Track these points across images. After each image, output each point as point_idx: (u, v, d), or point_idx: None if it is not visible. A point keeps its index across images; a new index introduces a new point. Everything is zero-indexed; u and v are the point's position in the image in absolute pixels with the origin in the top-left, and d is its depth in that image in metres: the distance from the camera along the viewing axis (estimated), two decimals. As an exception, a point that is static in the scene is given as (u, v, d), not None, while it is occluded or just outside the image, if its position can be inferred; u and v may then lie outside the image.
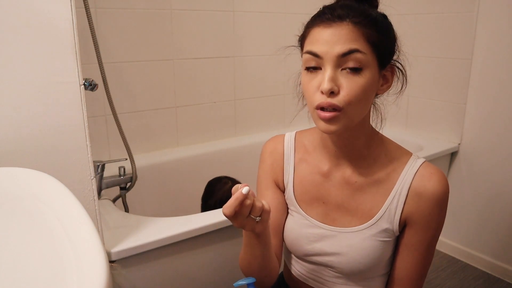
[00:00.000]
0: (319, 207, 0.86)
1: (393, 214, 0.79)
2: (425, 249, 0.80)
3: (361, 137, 0.80)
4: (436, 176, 0.77)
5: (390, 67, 0.78)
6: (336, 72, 0.70)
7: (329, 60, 0.70)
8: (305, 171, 0.88)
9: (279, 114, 2.21)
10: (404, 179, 0.79)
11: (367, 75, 0.71)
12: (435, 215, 0.78)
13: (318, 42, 0.71)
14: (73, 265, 0.45)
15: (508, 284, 1.84)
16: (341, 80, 0.70)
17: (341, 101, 0.70)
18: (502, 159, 1.82)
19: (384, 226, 0.80)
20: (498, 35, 1.75)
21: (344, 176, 0.83)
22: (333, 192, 0.84)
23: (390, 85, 0.79)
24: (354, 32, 0.70)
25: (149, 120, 1.78)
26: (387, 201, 0.80)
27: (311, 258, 0.86)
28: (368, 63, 0.71)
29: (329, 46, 0.70)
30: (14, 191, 0.64)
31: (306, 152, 0.89)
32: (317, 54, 0.71)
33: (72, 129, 0.92)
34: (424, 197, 0.77)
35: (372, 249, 0.80)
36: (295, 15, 2.09)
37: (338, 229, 0.83)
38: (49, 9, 0.84)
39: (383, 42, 0.73)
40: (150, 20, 1.68)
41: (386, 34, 0.74)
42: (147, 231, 1.12)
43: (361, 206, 0.82)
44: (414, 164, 0.80)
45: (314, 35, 0.72)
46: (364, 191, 0.82)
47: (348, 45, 0.69)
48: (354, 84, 0.70)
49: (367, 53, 0.70)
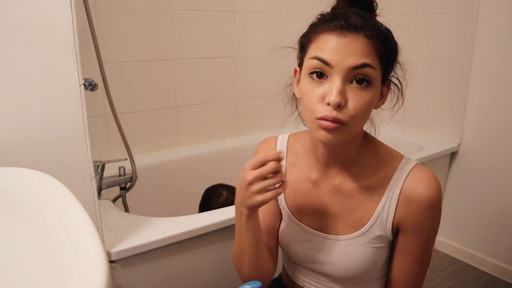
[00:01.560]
0: (311, 215, 0.84)
1: (385, 220, 0.78)
2: (420, 253, 0.78)
3: (353, 146, 0.79)
4: (426, 180, 0.75)
5: (387, 83, 0.76)
6: (345, 85, 0.68)
7: (339, 70, 0.67)
8: (295, 176, 0.86)
9: (279, 114, 2.20)
10: (394, 184, 0.77)
11: (373, 90, 0.69)
12: (427, 219, 0.76)
13: (330, 50, 0.68)
14: (73, 265, 0.45)
15: (508, 284, 1.84)
16: (348, 94, 0.68)
17: (347, 115, 0.68)
18: (502, 159, 1.82)
19: (376, 233, 0.78)
20: (498, 35, 1.75)
21: (334, 184, 0.81)
22: (324, 200, 0.83)
23: (385, 101, 0.77)
24: (368, 46, 0.67)
25: (149, 120, 1.78)
26: (378, 208, 0.78)
27: (307, 264, 0.86)
28: (376, 78, 0.69)
29: (342, 56, 0.67)
30: (14, 191, 0.64)
31: (297, 157, 0.87)
32: (328, 63, 0.67)
33: (72, 129, 0.92)
34: (415, 202, 0.75)
35: (365, 257, 0.79)
36: (295, 15, 2.09)
37: (331, 236, 0.82)
38: (49, 9, 0.84)
39: (388, 58, 0.72)
40: (150, 20, 1.68)
41: (392, 49, 0.73)
42: (147, 231, 1.12)
43: (352, 213, 0.80)
44: (405, 168, 0.78)
45: (325, 41, 0.69)
46: (355, 199, 0.80)
47: (362, 58, 0.67)
48: (361, 99, 0.68)
49: (377, 69, 0.69)
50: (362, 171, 0.80)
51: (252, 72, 2.05)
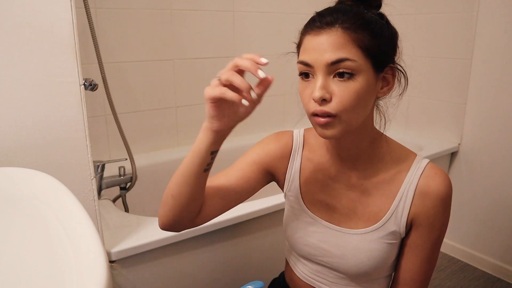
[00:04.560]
0: (325, 208, 0.85)
1: (399, 216, 0.79)
2: (430, 250, 0.80)
3: (365, 139, 0.80)
4: (440, 177, 0.78)
5: (390, 69, 0.76)
6: (327, 79, 0.70)
7: (319, 68, 0.70)
8: (310, 170, 0.87)
9: (279, 114, 2.21)
10: (410, 180, 0.79)
11: (360, 80, 0.70)
12: (440, 214, 0.78)
13: (308, 51, 0.71)
14: (73, 265, 0.45)
15: (508, 284, 1.84)
16: (332, 87, 0.70)
17: (334, 108, 0.69)
18: (502, 159, 1.82)
19: (391, 228, 0.79)
20: (498, 35, 1.75)
21: (350, 179, 0.83)
22: (339, 195, 0.84)
23: (392, 87, 0.77)
24: (343, 38, 0.69)
25: (149, 120, 1.78)
26: (394, 203, 0.79)
27: (316, 258, 0.86)
28: (360, 68, 0.70)
29: (318, 54, 0.69)
30: (14, 191, 0.64)
31: (312, 151, 0.88)
32: (308, 63, 0.71)
33: (72, 129, 0.92)
34: (429, 196, 0.77)
35: (378, 252, 0.79)
36: (295, 15, 2.09)
37: (345, 230, 0.83)
38: (49, 9, 0.84)
39: (377, 45, 0.71)
40: (150, 20, 1.68)
41: (380, 36, 0.72)
42: (147, 231, 1.12)
43: (367, 208, 0.81)
44: (420, 165, 0.80)
45: (306, 44, 0.72)
46: (370, 194, 0.81)
47: (337, 53, 0.68)
48: (346, 90, 0.69)
49: (358, 59, 0.69)
50: (377, 166, 0.81)
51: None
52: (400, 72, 0.78)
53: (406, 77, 0.80)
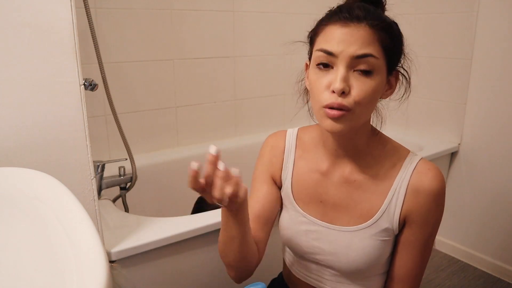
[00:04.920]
0: (317, 206, 0.85)
1: (392, 213, 0.79)
2: (423, 246, 0.80)
3: (362, 136, 0.81)
4: (432, 172, 0.78)
5: (395, 73, 0.78)
6: (348, 72, 0.70)
7: (342, 59, 0.70)
8: (303, 168, 0.88)
9: (279, 114, 2.21)
10: (402, 177, 0.79)
11: (377, 78, 0.71)
12: (432, 210, 0.78)
13: (334, 41, 0.71)
14: (73, 265, 0.45)
15: (508, 284, 1.84)
16: (352, 81, 0.70)
17: (351, 102, 0.70)
18: (502, 159, 1.82)
19: (384, 225, 0.80)
20: (498, 35, 1.75)
21: (343, 174, 0.83)
22: (331, 191, 0.84)
23: (393, 91, 0.80)
24: (371, 35, 0.70)
25: (149, 120, 1.78)
26: (386, 200, 0.80)
27: (310, 256, 0.86)
28: (379, 67, 0.71)
29: (345, 45, 0.69)
30: (14, 191, 0.64)
31: (306, 150, 0.89)
32: (332, 53, 0.70)
33: (72, 129, 0.92)
34: (422, 192, 0.77)
35: (371, 249, 0.80)
36: (296, 15, 2.09)
37: (337, 227, 0.83)
38: (49, 9, 0.84)
39: (394, 48, 0.74)
40: (150, 20, 1.68)
41: (397, 39, 0.75)
42: (147, 231, 1.12)
43: (360, 205, 0.82)
44: (412, 161, 0.80)
45: (330, 33, 0.72)
46: (363, 190, 0.82)
47: (364, 48, 0.69)
48: (364, 86, 0.70)
49: (380, 58, 0.71)
50: (371, 162, 0.82)
51: (252, 72, 2.05)
52: (404, 77, 0.80)
53: (409, 82, 0.81)
